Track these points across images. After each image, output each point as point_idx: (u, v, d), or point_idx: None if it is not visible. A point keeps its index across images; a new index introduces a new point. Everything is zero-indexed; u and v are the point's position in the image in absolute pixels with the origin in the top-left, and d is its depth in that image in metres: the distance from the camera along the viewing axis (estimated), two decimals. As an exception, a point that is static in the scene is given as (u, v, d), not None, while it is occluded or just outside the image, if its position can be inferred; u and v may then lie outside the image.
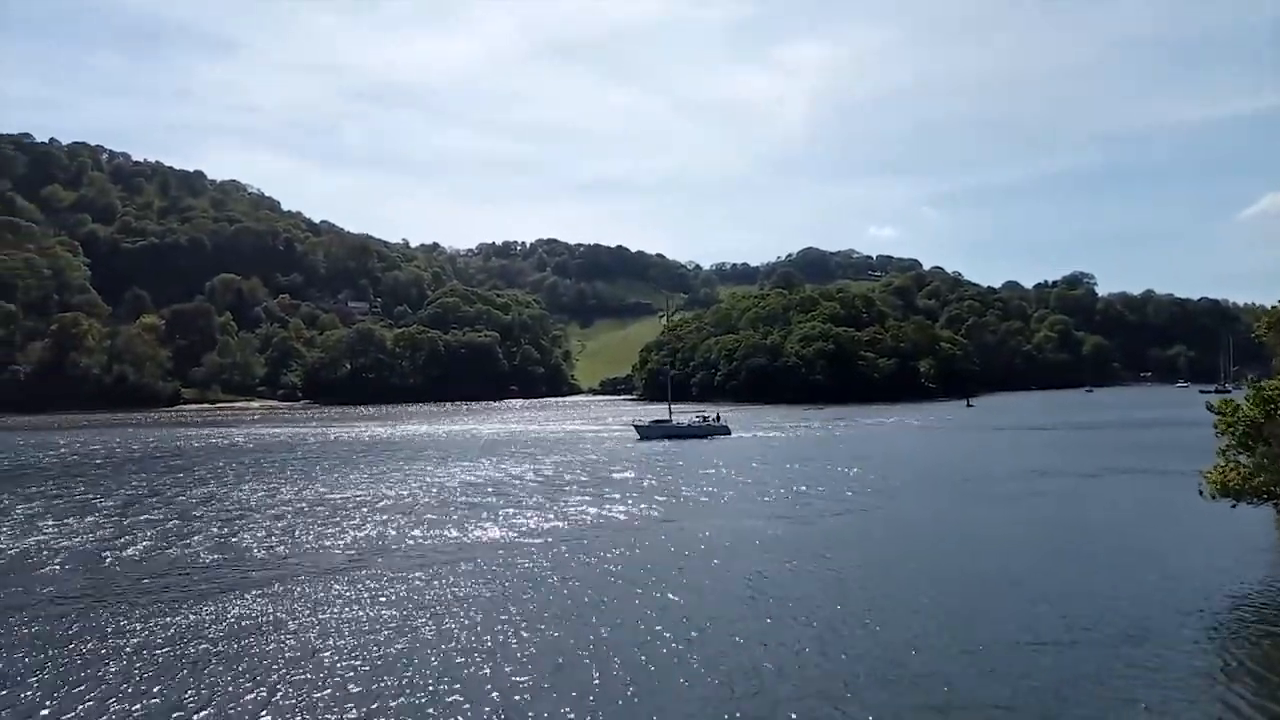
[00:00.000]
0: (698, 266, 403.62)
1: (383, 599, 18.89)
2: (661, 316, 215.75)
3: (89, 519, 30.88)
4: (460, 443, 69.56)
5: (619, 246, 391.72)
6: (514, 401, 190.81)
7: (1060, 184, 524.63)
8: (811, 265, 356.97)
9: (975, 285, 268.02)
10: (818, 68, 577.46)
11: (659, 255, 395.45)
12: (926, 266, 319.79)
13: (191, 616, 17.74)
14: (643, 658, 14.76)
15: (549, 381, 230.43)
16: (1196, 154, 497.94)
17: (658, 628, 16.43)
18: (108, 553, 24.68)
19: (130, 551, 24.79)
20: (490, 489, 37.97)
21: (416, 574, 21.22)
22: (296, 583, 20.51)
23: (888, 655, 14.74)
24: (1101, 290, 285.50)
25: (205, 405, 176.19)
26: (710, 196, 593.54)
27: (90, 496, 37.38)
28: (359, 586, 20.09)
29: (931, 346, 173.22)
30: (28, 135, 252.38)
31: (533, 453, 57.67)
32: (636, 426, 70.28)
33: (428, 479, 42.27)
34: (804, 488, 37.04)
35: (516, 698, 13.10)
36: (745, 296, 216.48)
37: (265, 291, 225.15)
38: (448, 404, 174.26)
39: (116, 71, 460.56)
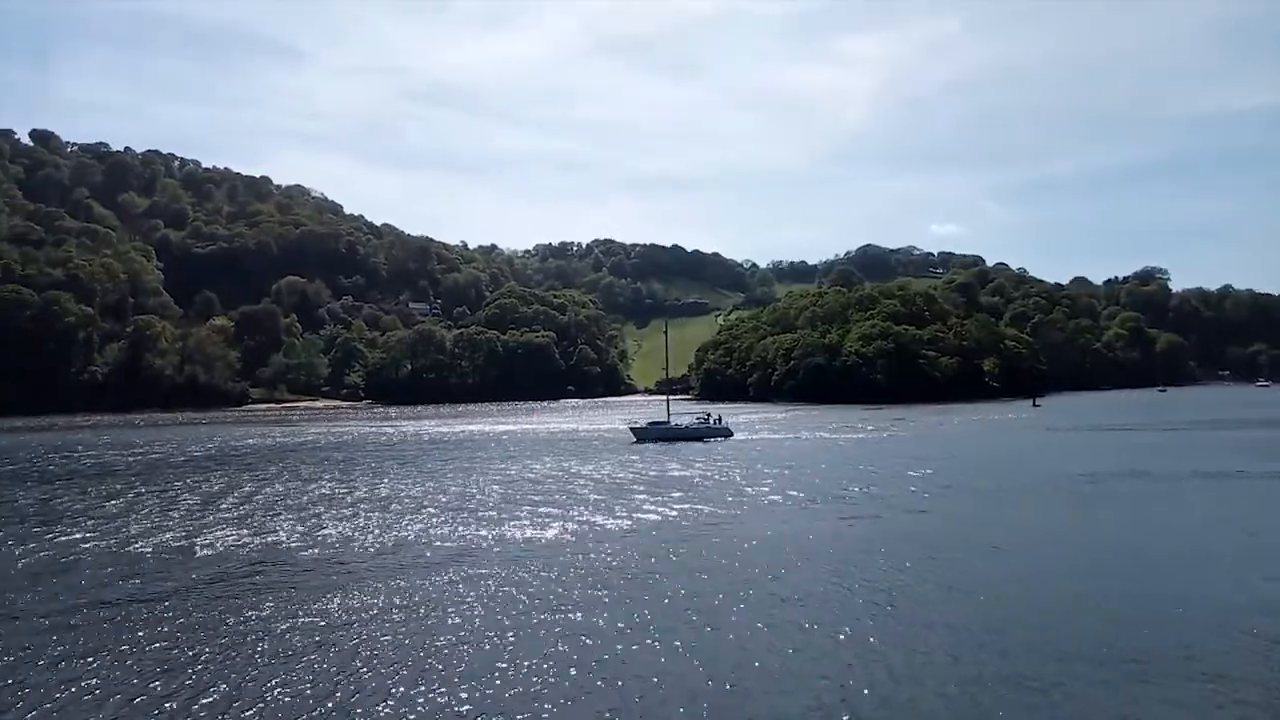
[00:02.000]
0: (754, 265, 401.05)
1: (451, 594, 18.85)
2: (718, 315, 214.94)
3: (175, 514, 31.64)
4: (513, 442, 69.85)
5: (675, 245, 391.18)
6: (571, 401, 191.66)
7: (1132, 175, 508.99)
8: (871, 263, 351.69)
9: (1041, 282, 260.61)
10: (878, 60, 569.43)
11: (715, 254, 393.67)
12: (990, 263, 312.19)
13: (270, 610, 17.95)
14: (723, 659, 14.40)
15: (605, 381, 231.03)
16: (1276, 141, 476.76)
17: (721, 627, 16.04)
18: (194, 547, 25.16)
19: (213, 545, 25.25)
20: (545, 487, 37.86)
21: (481, 570, 21.15)
22: (365, 578, 20.64)
23: (970, 665, 14.13)
24: (1176, 286, 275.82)
25: (272, 405, 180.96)
26: (768, 193, 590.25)
27: (176, 493, 38.32)
28: (428, 582, 20.09)
29: (996, 345, 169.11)
30: (104, 144, 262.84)
31: (573, 451, 57.54)
32: (633, 428, 67.45)
33: (483, 477, 42.36)
34: (822, 493, 36.15)
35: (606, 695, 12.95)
36: (803, 295, 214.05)
37: (329, 293, 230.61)
38: (505, 404, 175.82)
39: (187, 80, 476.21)
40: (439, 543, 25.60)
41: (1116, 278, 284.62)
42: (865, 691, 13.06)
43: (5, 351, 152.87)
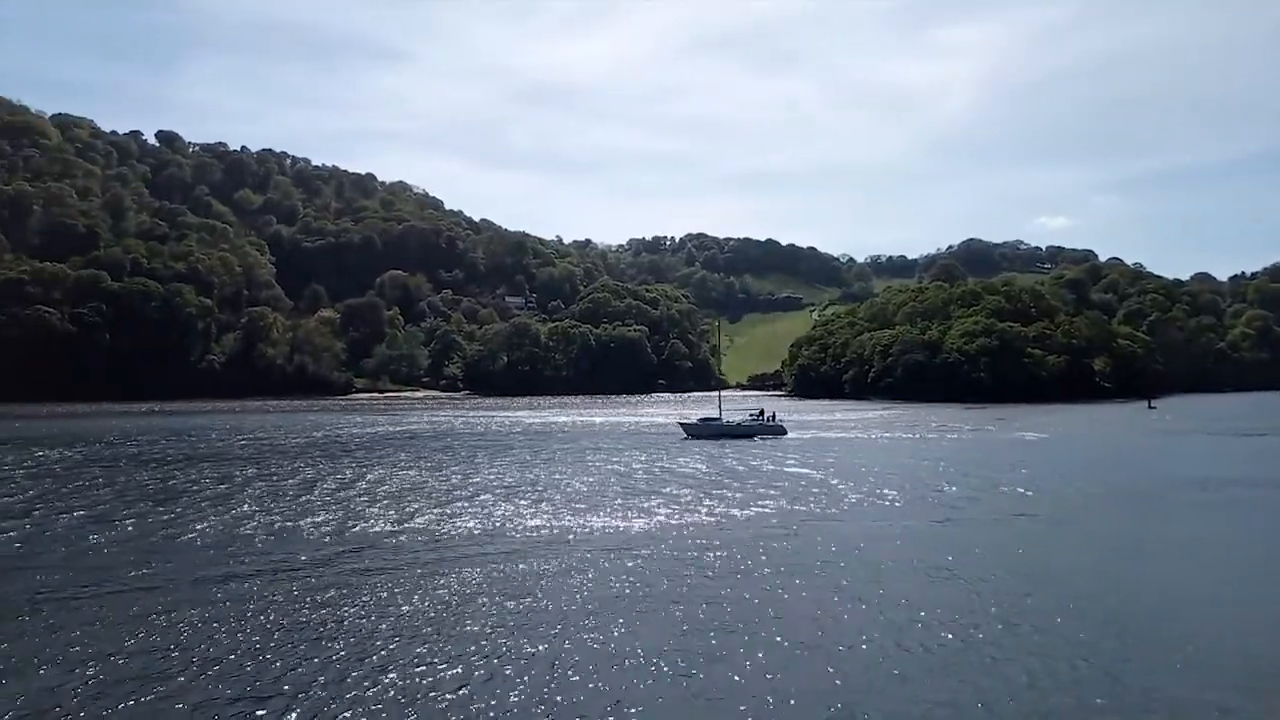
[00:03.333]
0: (851, 259, 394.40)
1: (541, 583, 18.98)
2: (812, 311, 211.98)
3: (300, 498, 32.79)
4: (600, 434, 70.19)
5: (769, 240, 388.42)
6: (661, 395, 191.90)
7: (1259, 164, 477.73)
8: (974, 257, 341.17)
9: (1159, 278, 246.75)
10: (984, 48, 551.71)
11: (811, 248, 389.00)
12: (1103, 258, 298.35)
13: (389, 591, 18.37)
14: (832, 666, 14.03)
15: (697, 376, 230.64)
16: None
17: (824, 630, 15.61)
18: (308, 529, 26.11)
19: (324, 527, 26.13)
20: (634, 480, 37.83)
21: (577, 559, 21.24)
22: (480, 563, 20.91)
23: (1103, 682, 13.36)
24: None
25: (375, 394, 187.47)
26: (865, 187, 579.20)
27: (300, 476, 39.82)
28: (532, 569, 20.29)
29: (1108, 343, 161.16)
30: (223, 144, 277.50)
31: (641, 444, 57.34)
32: (683, 424, 66.76)
33: (570, 466, 42.63)
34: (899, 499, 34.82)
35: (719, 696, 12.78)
36: (902, 290, 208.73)
37: (430, 287, 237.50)
38: (597, 396, 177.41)
39: (300, 83, 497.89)
40: (536, 530, 25.85)
41: (1244, 273, 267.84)
42: (996, 706, 12.47)
43: (134, 340, 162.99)
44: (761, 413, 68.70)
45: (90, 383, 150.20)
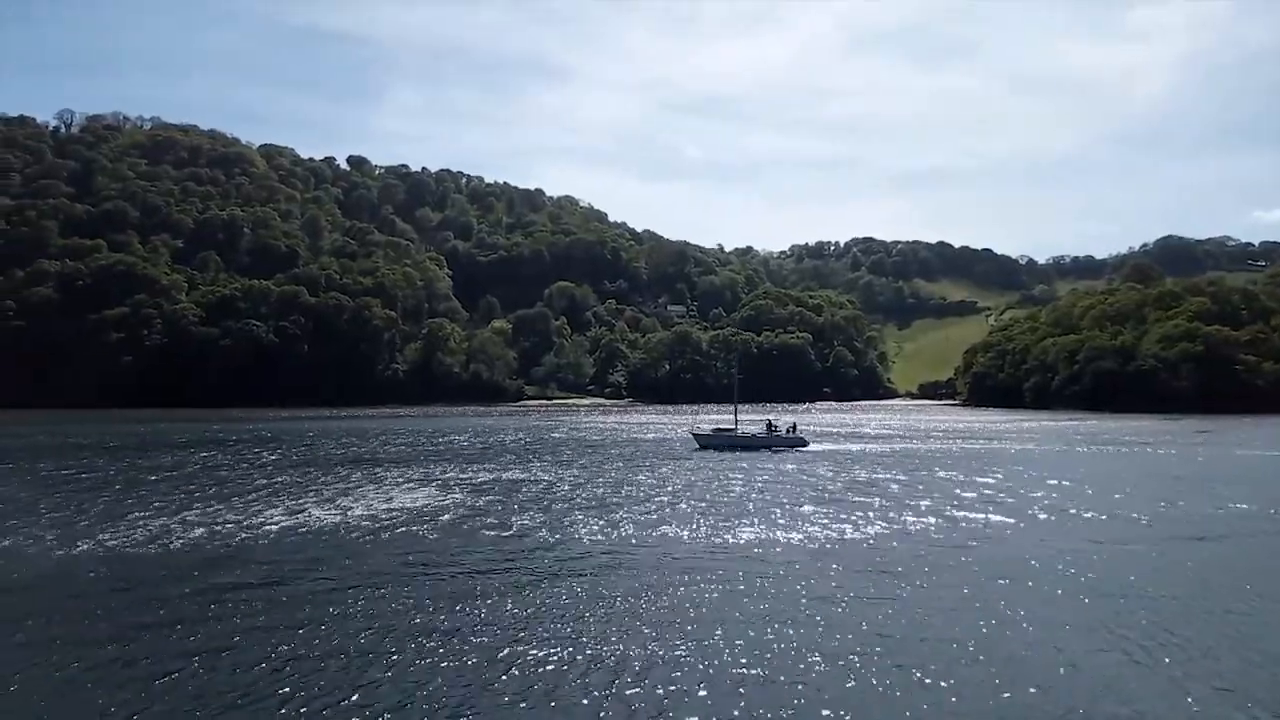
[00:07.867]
0: (1031, 261, 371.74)
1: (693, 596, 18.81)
2: (988, 315, 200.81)
3: (475, 497, 34.59)
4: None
5: (940, 242, 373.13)
6: (825, 404, 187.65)
7: None
8: (1172, 256, 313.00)
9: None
10: (1182, 27, 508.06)
11: (986, 250, 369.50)
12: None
13: (507, 601, 18.86)
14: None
15: (863, 384, 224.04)
16: None
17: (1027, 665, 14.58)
18: (483, 528, 27.33)
19: (488, 528, 27.26)
20: (792, 486, 36.99)
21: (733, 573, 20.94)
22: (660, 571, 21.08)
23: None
24: None
25: (544, 401, 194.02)
26: (1046, 184, 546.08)
27: (481, 476, 41.98)
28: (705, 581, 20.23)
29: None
30: (405, 166, 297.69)
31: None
32: (695, 435, 64.84)
33: (739, 474, 42.29)
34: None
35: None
36: (1088, 293, 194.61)
37: (595, 297, 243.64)
38: (760, 405, 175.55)
39: (473, 104, 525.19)
40: (682, 542, 25.72)
41: None
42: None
43: (328, 350, 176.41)
44: (789, 426, 65.32)
45: (290, 390, 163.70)
